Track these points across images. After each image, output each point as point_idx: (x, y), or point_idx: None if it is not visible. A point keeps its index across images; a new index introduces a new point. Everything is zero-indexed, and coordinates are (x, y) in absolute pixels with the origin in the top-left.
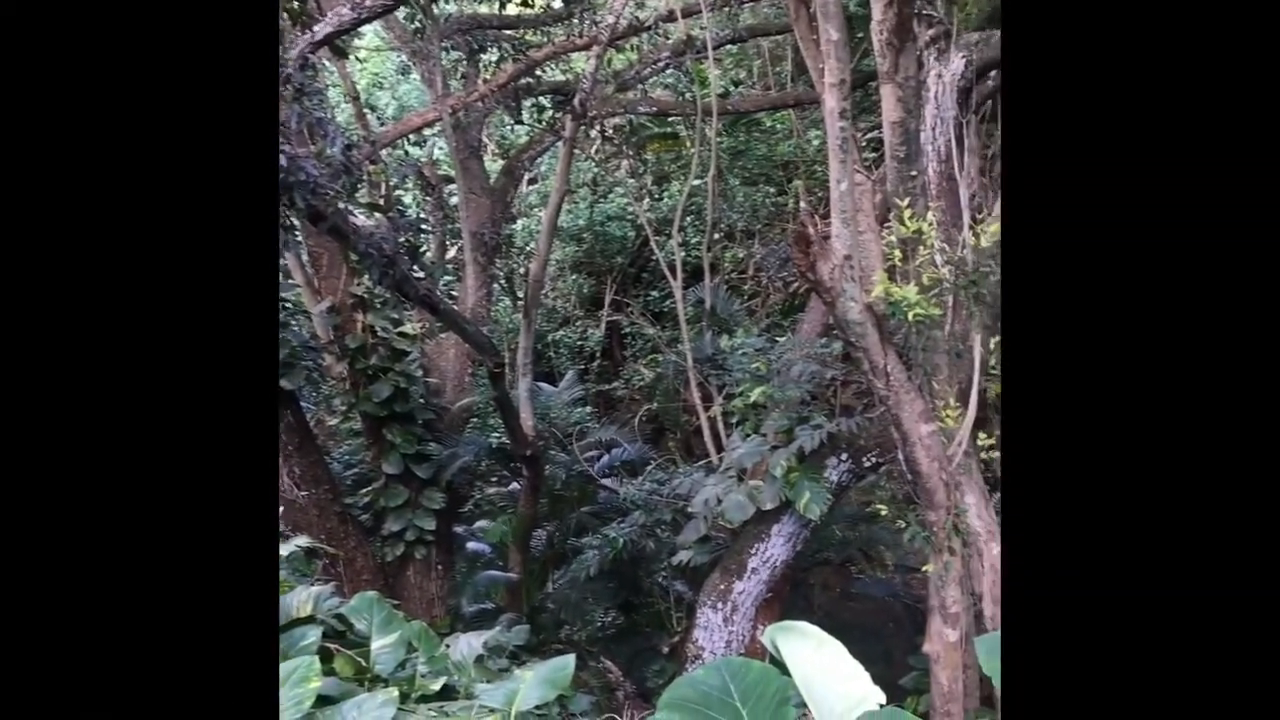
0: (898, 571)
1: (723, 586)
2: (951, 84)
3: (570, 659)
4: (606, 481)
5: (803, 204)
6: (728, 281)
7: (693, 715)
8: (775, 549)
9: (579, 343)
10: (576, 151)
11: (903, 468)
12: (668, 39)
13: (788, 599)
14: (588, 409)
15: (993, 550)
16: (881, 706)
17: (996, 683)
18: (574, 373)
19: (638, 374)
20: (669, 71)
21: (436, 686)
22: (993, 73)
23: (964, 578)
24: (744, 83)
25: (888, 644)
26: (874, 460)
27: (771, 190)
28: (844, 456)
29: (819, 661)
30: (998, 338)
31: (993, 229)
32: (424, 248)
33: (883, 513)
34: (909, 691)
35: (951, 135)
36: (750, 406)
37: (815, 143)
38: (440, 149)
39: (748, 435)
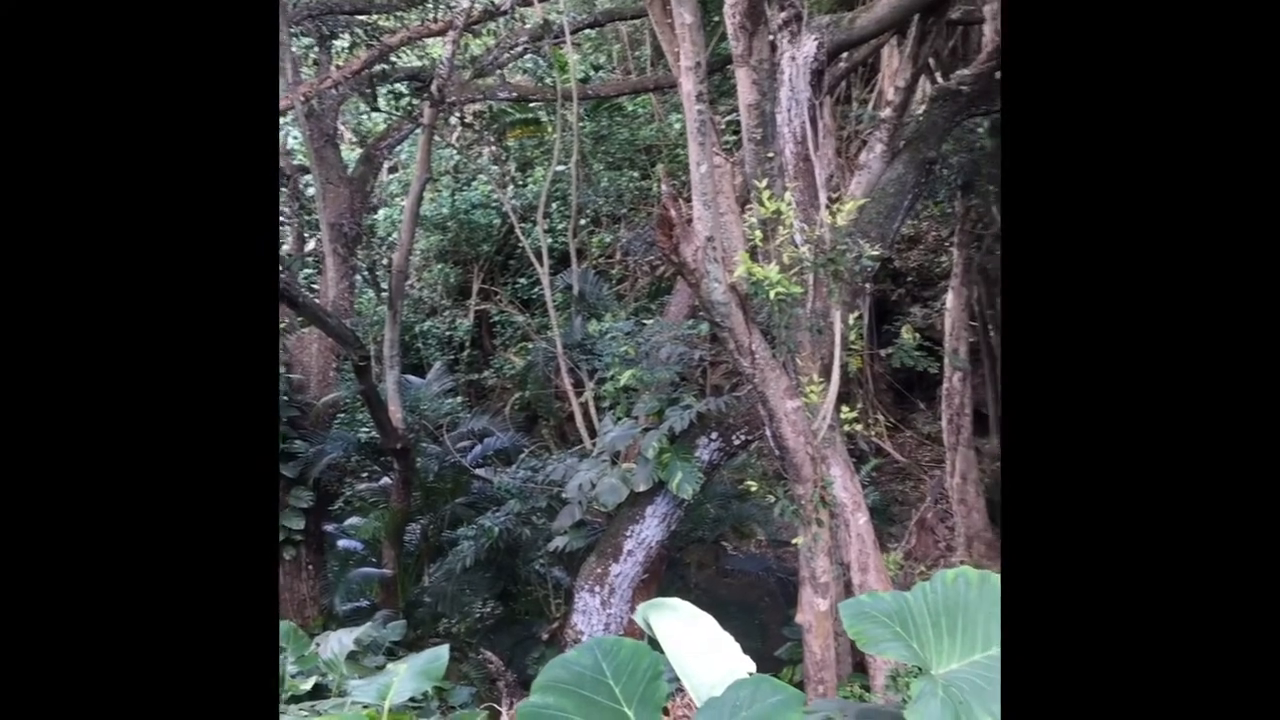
0: (770, 546)
1: (599, 570)
2: (804, 66)
3: (444, 650)
4: (480, 471)
5: (664, 187)
6: (595, 266)
7: (566, 696)
8: (650, 530)
9: (447, 333)
10: (436, 138)
11: (770, 444)
12: (525, 24)
13: (664, 578)
14: (458, 399)
15: (859, 520)
16: (750, 675)
17: (862, 646)
18: (443, 363)
19: (508, 362)
20: (527, 57)
21: (307, 686)
22: (844, 54)
23: (832, 548)
24: (604, 67)
25: (762, 617)
26: (743, 438)
27: (635, 174)
28: (714, 435)
29: (690, 636)
30: (856, 313)
31: (848, 207)
32: (281, 240)
33: (753, 489)
34: (784, 662)
35: (806, 117)
36: (621, 390)
37: (676, 126)
38: (294, 138)
39: (619, 419)
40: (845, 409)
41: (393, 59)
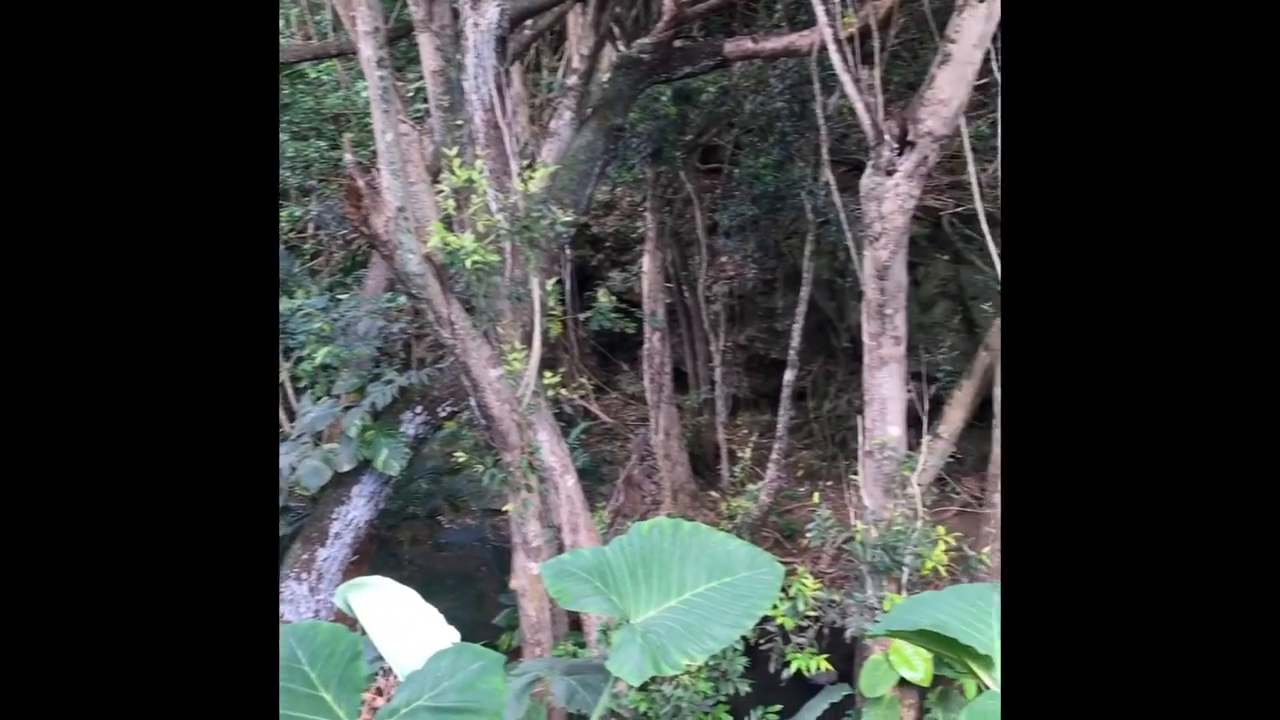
0: (483, 516)
1: (305, 556)
2: (488, 33)
3: None
4: None
5: (348, 157)
6: (286, 241)
7: None
8: (357, 510)
9: None
10: None
11: (476, 414)
12: None
13: (375, 558)
14: None
15: (567, 483)
16: (453, 645)
17: (564, 604)
18: None
19: None
20: None
21: None
22: (529, 21)
23: (543, 512)
24: (282, 32)
25: (480, 586)
26: (449, 410)
27: (324, 144)
28: (419, 409)
29: (391, 613)
30: (555, 279)
31: (540, 174)
32: None
33: (462, 460)
34: (502, 628)
35: (493, 84)
36: (319, 369)
37: (364, 94)
38: None
39: (319, 398)
40: (549, 374)
41: None
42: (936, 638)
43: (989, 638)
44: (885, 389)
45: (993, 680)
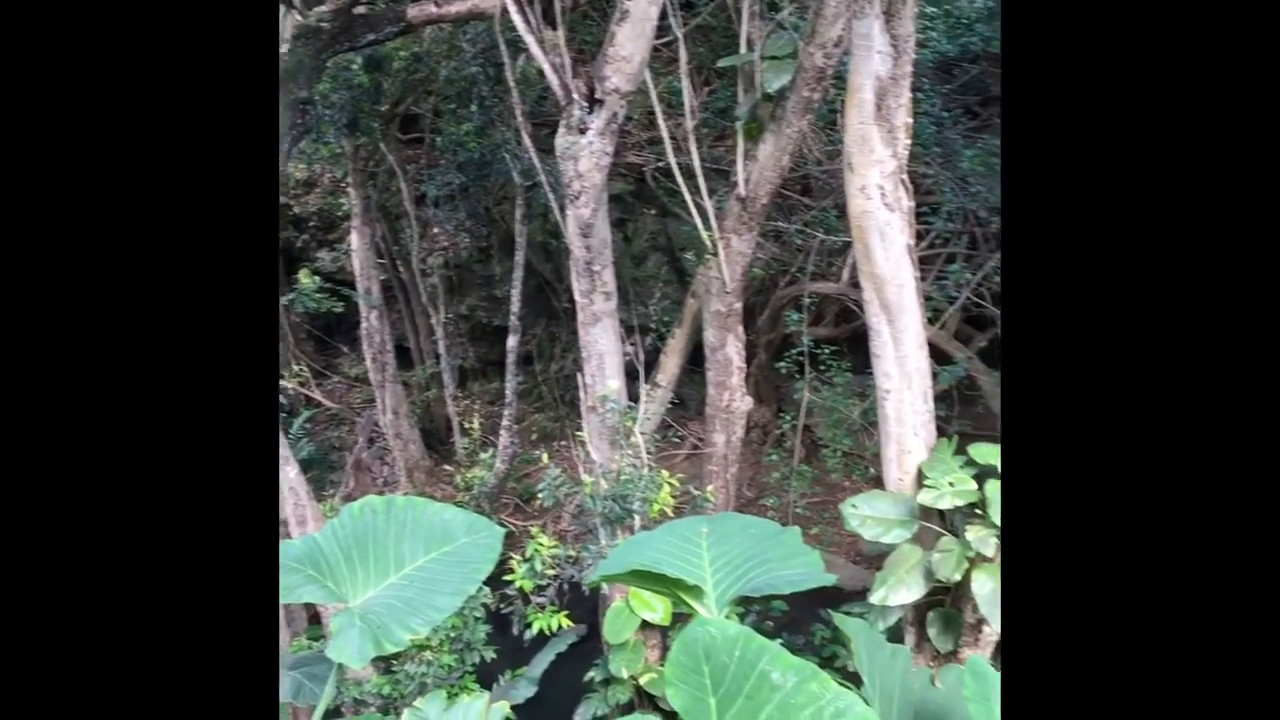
0: None
1: None
2: None
3: None
4: None
5: None
6: None
7: None
8: None
9: None
10: None
11: None
12: None
13: None
14: None
15: (289, 474)
16: None
17: (285, 598)
18: None
19: None
20: None
21: None
22: None
23: None
24: None
25: None
26: None
27: None
28: None
29: None
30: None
31: None
32: None
33: None
34: None
35: None
36: None
37: None
38: None
39: None
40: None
41: None
42: (649, 575)
43: (698, 568)
44: (601, 344)
45: (703, 608)
